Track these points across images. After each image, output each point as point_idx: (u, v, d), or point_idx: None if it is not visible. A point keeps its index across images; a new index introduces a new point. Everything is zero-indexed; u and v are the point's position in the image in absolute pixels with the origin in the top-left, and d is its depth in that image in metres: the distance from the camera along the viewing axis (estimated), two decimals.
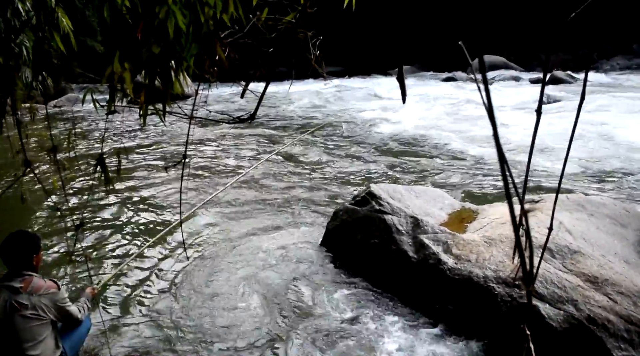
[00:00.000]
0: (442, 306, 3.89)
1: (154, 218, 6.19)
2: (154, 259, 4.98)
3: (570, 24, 1.57)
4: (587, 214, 4.55)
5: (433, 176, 7.95)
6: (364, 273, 4.59)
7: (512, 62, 22.96)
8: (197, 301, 4.25)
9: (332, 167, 8.48)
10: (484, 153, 9.15)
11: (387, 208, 4.74)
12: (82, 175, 7.81)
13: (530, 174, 7.44)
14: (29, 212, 6.16)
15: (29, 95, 3.11)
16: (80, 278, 4.69)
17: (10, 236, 2.92)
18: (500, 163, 0.60)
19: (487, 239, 4.12)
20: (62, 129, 10.18)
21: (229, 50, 1.73)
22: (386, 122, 12.29)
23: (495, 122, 0.60)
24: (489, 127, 0.72)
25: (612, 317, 3.26)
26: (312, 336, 3.74)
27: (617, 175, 7.59)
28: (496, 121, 0.61)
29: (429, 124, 11.80)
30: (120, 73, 1.85)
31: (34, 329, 2.80)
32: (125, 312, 4.12)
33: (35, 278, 2.88)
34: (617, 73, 21.08)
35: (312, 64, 1.82)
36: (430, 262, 4.11)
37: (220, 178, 7.85)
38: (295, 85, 18.92)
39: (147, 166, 8.69)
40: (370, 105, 15.40)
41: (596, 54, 22.47)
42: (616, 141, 9.40)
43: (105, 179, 1.97)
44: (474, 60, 5.28)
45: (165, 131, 11.38)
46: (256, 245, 5.30)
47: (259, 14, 1.73)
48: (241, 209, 6.40)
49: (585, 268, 3.65)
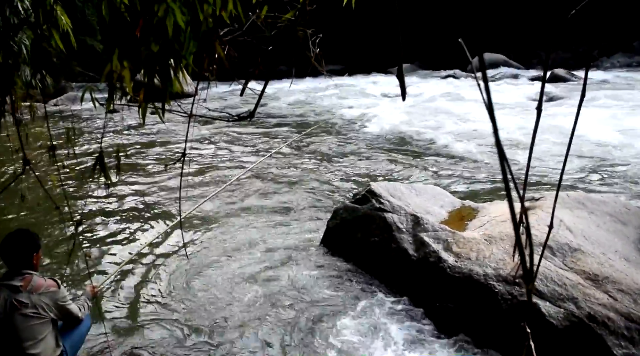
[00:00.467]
0: (443, 304, 3.89)
1: (154, 216, 6.19)
2: (154, 258, 4.99)
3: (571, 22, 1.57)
4: (587, 212, 4.55)
5: (433, 173, 7.95)
6: (364, 271, 4.59)
7: (512, 60, 22.92)
8: (197, 300, 4.26)
9: (331, 166, 8.47)
10: (484, 151, 9.15)
11: (387, 206, 4.74)
12: (82, 173, 7.80)
13: (530, 172, 7.45)
14: (29, 210, 6.15)
15: (29, 94, 3.11)
16: (81, 277, 4.69)
17: (10, 235, 2.91)
18: (500, 161, 0.59)
19: (487, 237, 4.12)
20: (61, 129, 10.19)
21: (228, 48, 1.72)
22: (386, 120, 12.28)
23: (495, 120, 0.60)
24: (489, 124, 0.72)
25: (612, 315, 3.26)
26: (312, 334, 3.74)
27: (617, 173, 7.59)
28: (496, 119, 0.60)
29: (429, 122, 11.79)
30: (120, 71, 1.85)
31: (34, 328, 2.80)
32: (126, 311, 4.12)
33: (35, 276, 2.87)
34: (618, 71, 21.03)
35: (312, 62, 1.81)
36: (430, 260, 4.11)
37: (220, 176, 7.85)
38: (295, 83, 18.90)
39: (147, 164, 8.69)
40: (370, 103, 15.39)
41: (597, 52, 22.44)
42: (617, 139, 9.39)
43: (105, 177, 1.97)
44: (474, 58, 5.24)
45: (164, 129, 11.37)
46: (256, 244, 5.30)
47: (258, 12, 1.72)
48: (241, 207, 6.39)
49: (585, 265, 3.65)
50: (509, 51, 23.41)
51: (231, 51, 1.74)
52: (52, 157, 2.08)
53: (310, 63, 1.80)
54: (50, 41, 2.17)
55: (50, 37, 2.16)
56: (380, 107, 14.35)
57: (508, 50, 23.39)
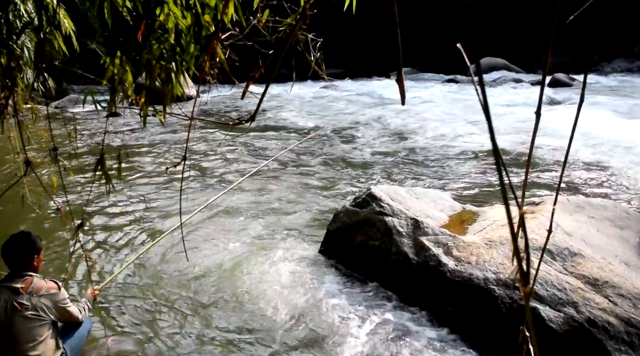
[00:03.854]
0: (443, 308, 3.90)
1: (155, 218, 6.20)
2: (155, 261, 4.99)
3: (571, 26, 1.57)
4: (587, 217, 4.55)
5: (434, 177, 7.95)
6: (364, 275, 4.59)
7: (513, 64, 22.95)
8: (198, 304, 4.26)
9: (332, 169, 8.48)
10: (484, 155, 9.16)
11: (387, 210, 4.74)
12: (83, 175, 7.82)
13: (529, 176, 7.44)
14: (30, 212, 6.16)
15: (31, 96, 3.12)
16: (81, 279, 4.69)
17: (11, 238, 2.92)
18: (497, 165, 0.60)
19: (487, 241, 4.12)
20: (62, 131, 10.20)
21: (229, 51, 1.73)
22: (386, 124, 12.30)
23: (492, 125, 0.61)
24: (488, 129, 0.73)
25: (612, 319, 3.26)
26: (312, 336, 3.74)
27: (617, 177, 7.59)
28: (492, 123, 0.61)
29: (429, 126, 11.80)
30: (121, 75, 1.86)
31: (34, 330, 2.80)
32: (126, 313, 4.13)
33: (35, 278, 2.88)
34: (618, 75, 21.07)
35: (313, 67, 1.82)
36: (430, 264, 4.11)
37: (221, 179, 7.86)
38: (295, 87, 18.93)
39: (148, 166, 8.70)
40: (370, 107, 15.41)
41: (597, 57, 22.47)
42: (616, 143, 9.39)
43: (106, 179, 1.98)
44: (473, 63, 5.26)
45: (165, 132, 11.39)
46: (256, 247, 5.30)
47: (259, 16, 1.73)
48: (241, 210, 6.40)
49: (585, 270, 3.66)
50: (510, 56, 23.44)
51: (232, 54, 1.75)
52: (54, 159, 2.09)
53: (311, 67, 1.81)
54: (53, 44, 2.18)
55: (53, 40, 2.17)
56: (380, 111, 14.37)
57: (509, 54, 23.43)
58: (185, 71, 1.88)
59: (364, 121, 13.03)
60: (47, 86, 3.56)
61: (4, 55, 2.37)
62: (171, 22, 1.74)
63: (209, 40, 1.66)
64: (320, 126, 12.36)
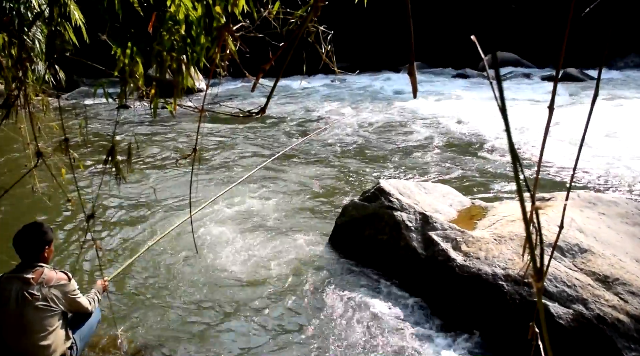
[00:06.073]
0: (451, 302, 3.89)
1: (165, 210, 6.23)
2: (165, 253, 5.02)
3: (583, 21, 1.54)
4: (598, 213, 4.51)
5: (443, 172, 7.92)
6: (372, 269, 4.59)
7: (524, 59, 22.72)
8: (207, 295, 4.28)
9: (341, 163, 8.47)
10: (494, 150, 9.10)
11: (396, 204, 4.73)
12: (94, 167, 7.86)
13: (541, 171, 7.38)
14: (41, 203, 6.21)
15: (42, 88, 3.13)
16: (91, 270, 4.73)
17: (23, 228, 2.95)
18: (513, 159, 0.59)
19: (496, 237, 4.10)
20: (74, 122, 10.26)
21: (239, 43, 1.72)
22: (396, 119, 12.24)
23: (508, 119, 0.60)
24: (499, 123, 0.72)
25: (622, 317, 3.24)
26: (323, 330, 3.75)
27: (629, 173, 7.51)
28: (508, 118, 0.60)
29: (439, 121, 11.74)
30: (132, 66, 1.86)
31: (45, 320, 2.83)
32: (136, 305, 4.16)
33: (46, 269, 2.91)
34: (631, 70, 20.82)
35: (323, 59, 1.81)
36: (439, 259, 4.10)
37: (231, 172, 7.87)
38: (305, 80, 18.89)
39: (158, 158, 8.73)
40: (380, 101, 15.35)
41: (610, 52, 22.19)
42: (629, 139, 9.29)
43: (117, 170, 1.98)
44: (487, 56, 5.21)
45: (175, 125, 11.42)
46: (265, 240, 5.32)
47: (270, 8, 1.72)
48: (251, 204, 6.41)
49: (595, 267, 3.63)
50: (522, 50, 23.19)
51: (243, 46, 1.74)
52: (65, 150, 2.09)
53: (321, 60, 1.80)
54: (64, 36, 2.19)
55: (63, 32, 2.18)
56: (390, 105, 14.31)
57: (521, 49, 23.18)
58: (196, 63, 1.88)
59: (372, 114, 12.98)
60: (58, 77, 3.57)
61: (15, 46, 2.39)
62: (182, 13, 1.74)
63: (220, 32, 1.66)
64: (330, 119, 12.33)
